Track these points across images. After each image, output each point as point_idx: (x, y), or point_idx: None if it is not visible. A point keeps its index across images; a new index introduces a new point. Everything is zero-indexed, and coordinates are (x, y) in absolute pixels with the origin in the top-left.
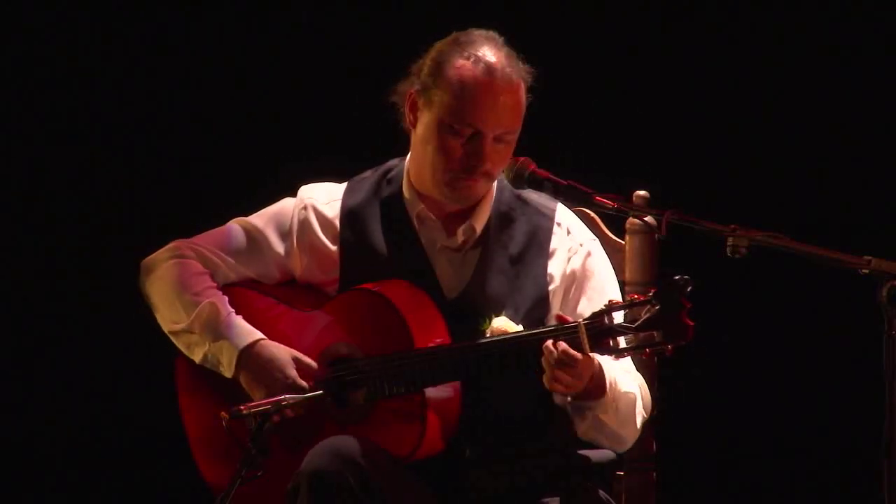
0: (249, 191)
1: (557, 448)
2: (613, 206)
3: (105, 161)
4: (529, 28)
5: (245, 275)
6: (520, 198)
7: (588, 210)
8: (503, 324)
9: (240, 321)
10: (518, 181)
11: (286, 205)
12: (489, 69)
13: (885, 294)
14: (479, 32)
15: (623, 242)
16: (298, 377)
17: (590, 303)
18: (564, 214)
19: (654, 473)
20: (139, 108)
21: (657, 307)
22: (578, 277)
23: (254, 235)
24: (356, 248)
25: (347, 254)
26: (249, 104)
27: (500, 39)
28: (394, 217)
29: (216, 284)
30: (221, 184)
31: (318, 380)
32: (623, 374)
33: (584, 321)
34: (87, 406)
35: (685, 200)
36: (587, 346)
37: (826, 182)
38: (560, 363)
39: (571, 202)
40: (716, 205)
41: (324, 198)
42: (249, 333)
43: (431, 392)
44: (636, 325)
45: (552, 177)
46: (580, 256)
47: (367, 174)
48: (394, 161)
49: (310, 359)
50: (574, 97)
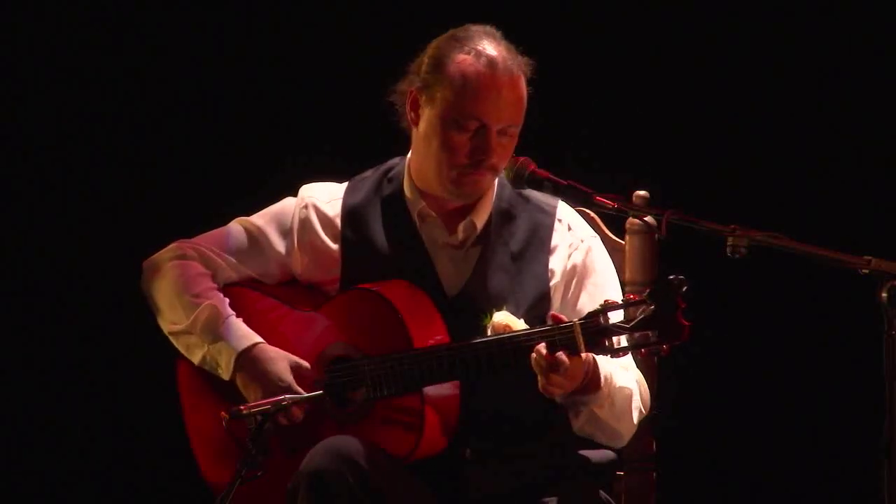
0: (251, 190)
1: (557, 448)
2: (613, 206)
3: (107, 161)
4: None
5: (246, 274)
6: (521, 195)
7: (588, 210)
8: (504, 318)
9: (239, 324)
10: (518, 181)
11: (287, 204)
12: (491, 62)
13: (885, 294)
14: (477, 27)
15: (623, 242)
16: (295, 381)
17: (590, 299)
18: (565, 211)
19: (654, 473)
20: (141, 108)
21: (652, 307)
22: (579, 273)
23: (255, 235)
24: (357, 247)
25: (348, 253)
26: (251, 104)
27: (498, 34)
28: (395, 215)
29: (217, 285)
30: (223, 184)
31: (318, 380)
32: (620, 370)
33: (580, 321)
34: (88, 406)
35: (685, 200)
36: (582, 346)
37: (826, 182)
38: (552, 367)
39: (571, 202)
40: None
41: (325, 197)
42: (248, 336)
43: (430, 392)
44: (632, 325)
45: (552, 177)
46: (581, 252)
47: (368, 173)
48: (394, 160)
49: (307, 363)
50: (574, 97)
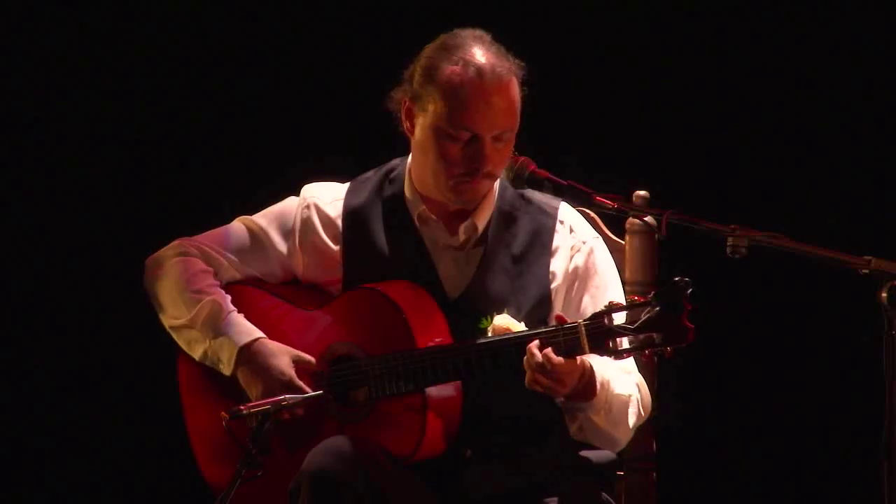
0: (254, 190)
1: (558, 448)
2: (613, 206)
3: (110, 161)
4: (530, 28)
5: (248, 273)
6: (523, 196)
7: (588, 210)
8: (505, 322)
9: (241, 319)
10: (518, 181)
11: (289, 204)
12: (479, 71)
13: (885, 294)
14: (466, 33)
15: (623, 242)
16: (296, 376)
17: (593, 300)
18: (567, 212)
19: (654, 473)
20: (144, 108)
21: (657, 309)
22: (581, 275)
23: (257, 234)
24: (358, 248)
25: (350, 253)
26: (254, 103)
27: (488, 37)
28: (396, 217)
29: (219, 282)
30: (226, 183)
31: (319, 379)
32: (620, 375)
33: (584, 322)
34: (89, 405)
35: (685, 200)
36: (587, 347)
37: (826, 182)
38: (539, 367)
39: (572, 202)
40: (716, 205)
41: (327, 197)
42: (249, 331)
43: (432, 392)
44: (636, 327)
45: (552, 177)
46: (583, 254)
47: (370, 174)
48: (396, 161)
49: (310, 357)
50: (574, 97)
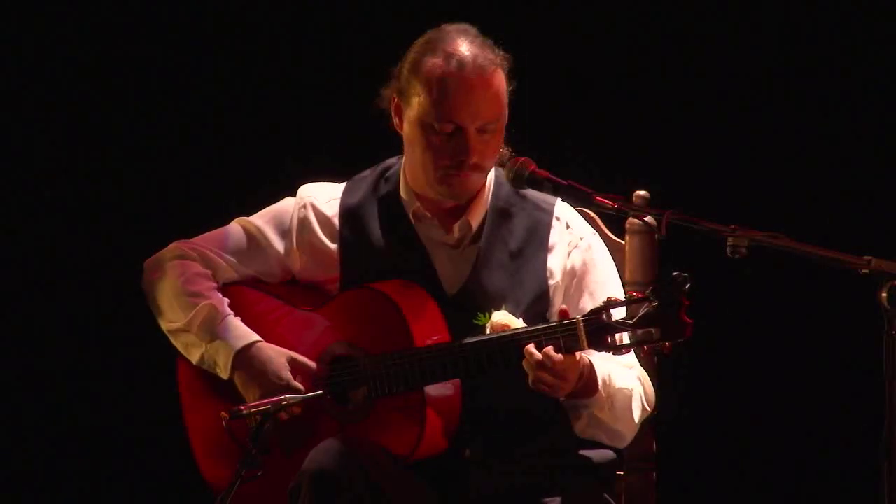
0: (250, 191)
1: (558, 448)
2: (613, 206)
3: (107, 162)
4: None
5: (246, 274)
6: (518, 193)
7: (588, 210)
8: (503, 318)
9: (237, 323)
10: (518, 181)
11: (286, 204)
12: (461, 63)
13: (885, 294)
14: (451, 27)
15: (623, 242)
16: (293, 379)
17: (591, 297)
18: (564, 209)
19: (654, 473)
20: (140, 109)
21: (655, 304)
22: (579, 271)
23: (254, 235)
24: (355, 247)
25: (347, 252)
26: (250, 104)
27: (473, 30)
28: (392, 215)
29: (217, 285)
30: (222, 184)
31: (318, 379)
32: (620, 370)
33: (583, 318)
34: (89, 405)
35: (685, 200)
36: (585, 343)
37: (826, 182)
38: (540, 365)
39: (572, 202)
40: (716, 205)
41: (323, 197)
42: (246, 335)
43: (431, 390)
44: (634, 322)
45: (552, 177)
46: (580, 250)
47: (366, 173)
48: (391, 160)
49: (307, 359)
50: (574, 97)
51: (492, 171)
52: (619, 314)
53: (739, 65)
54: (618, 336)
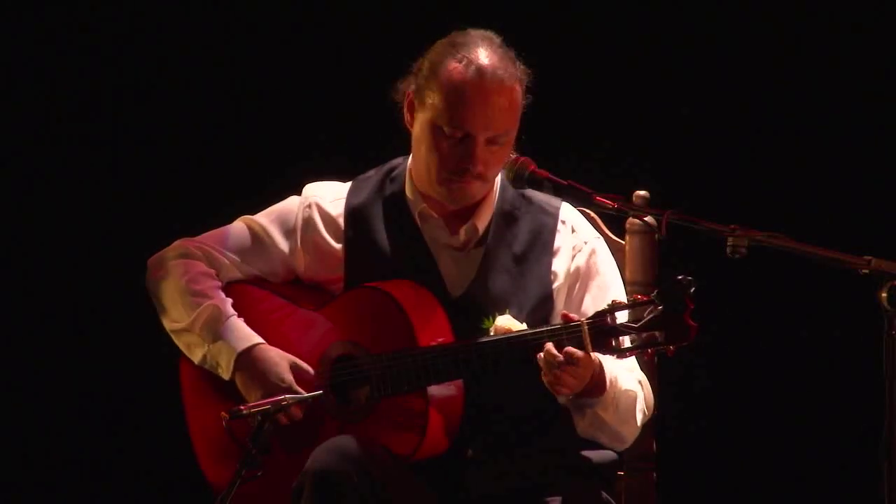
0: (255, 189)
1: (559, 448)
2: (613, 206)
3: (112, 160)
4: (530, 27)
5: (250, 272)
6: (524, 196)
7: (588, 210)
8: (507, 323)
9: (240, 324)
10: (518, 181)
11: (291, 203)
12: (480, 72)
13: (885, 294)
14: (476, 33)
15: (623, 242)
16: (294, 382)
17: (594, 301)
18: (569, 212)
19: (654, 473)
20: (146, 107)
21: (660, 307)
22: (583, 275)
23: (258, 233)
24: (360, 247)
25: (351, 252)
26: (256, 102)
27: (498, 40)
28: (397, 215)
29: (220, 284)
30: (228, 182)
31: (320, 380)
32: (624, 372)
33: (587, 321)
34: (90, 404)
35: (685, 200)
36: (590, 346)
37: (826, 182)
38: (562, 364)
39: (572, 202)
40: (716, 205)
41: (328, 196)
42: (249, 337)
43: (434, 391)
44: (639, 325)
45: (552, 177)
46: (584, 254)
47: (371, 173)
48: (397, 160)
49: (308, 365)
50: (574, 97)
51: (498, 175)
52: (623, 317)
53: (739, 65)
54: (622, 339)
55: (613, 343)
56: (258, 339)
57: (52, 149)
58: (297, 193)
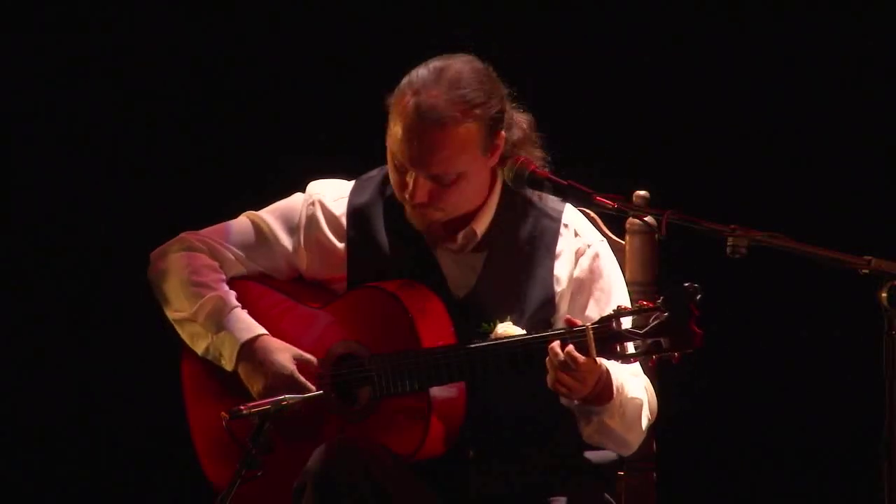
0: (260, 186)
1: (560, 449)
2: (613, 206)
3: (116, 157)
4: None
5: (253, 268)
6: (527, 199)
7: (589, 210)
8: (507, 329)
9: (244, 315)
10: (518, 181)
11: (295, 200)
12: (419, 109)
13: (885, 294)
14: (440, 63)
15: (623, 242)
16: (297, 372)
17: (597, 304)
18: (572, 216)
19: (654, 473)
20: (149, 105)
21: (666, 314)
22: (586, 279)
23: (262, 230)
24: (362, 247)
25: (354, 252)
26: (261, 99)
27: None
28: (398, 217)
29: (224, 276)
30: (232, 178)
31: (323, 377)
32: (630, 379)
33: (593, 325)
34: (91, 404)
35: (685, 200)
36: (594, 351)
37: (826, 182)
38: (563, 366)
39: (572, 202)
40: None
41: (332, 195)
42: (252, 328)
43: (436, 392)
44: (644, 332)
45: (552, 177)
46: (588, 258)
47: (374, 173)
48: None
49: (312, 356)
50: (574, 97)
51: (500, 177)
52: (628, 323)
53: (739, 65)
54: (626, 345)
55: (618, 348)
56: (262, 330)
57: (56, 144)
58: (301, 190)
